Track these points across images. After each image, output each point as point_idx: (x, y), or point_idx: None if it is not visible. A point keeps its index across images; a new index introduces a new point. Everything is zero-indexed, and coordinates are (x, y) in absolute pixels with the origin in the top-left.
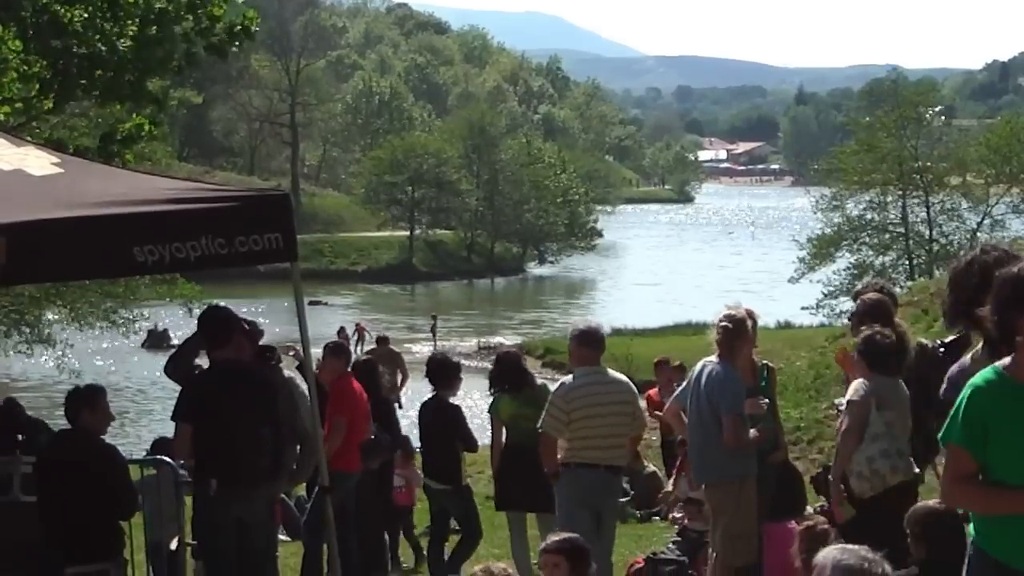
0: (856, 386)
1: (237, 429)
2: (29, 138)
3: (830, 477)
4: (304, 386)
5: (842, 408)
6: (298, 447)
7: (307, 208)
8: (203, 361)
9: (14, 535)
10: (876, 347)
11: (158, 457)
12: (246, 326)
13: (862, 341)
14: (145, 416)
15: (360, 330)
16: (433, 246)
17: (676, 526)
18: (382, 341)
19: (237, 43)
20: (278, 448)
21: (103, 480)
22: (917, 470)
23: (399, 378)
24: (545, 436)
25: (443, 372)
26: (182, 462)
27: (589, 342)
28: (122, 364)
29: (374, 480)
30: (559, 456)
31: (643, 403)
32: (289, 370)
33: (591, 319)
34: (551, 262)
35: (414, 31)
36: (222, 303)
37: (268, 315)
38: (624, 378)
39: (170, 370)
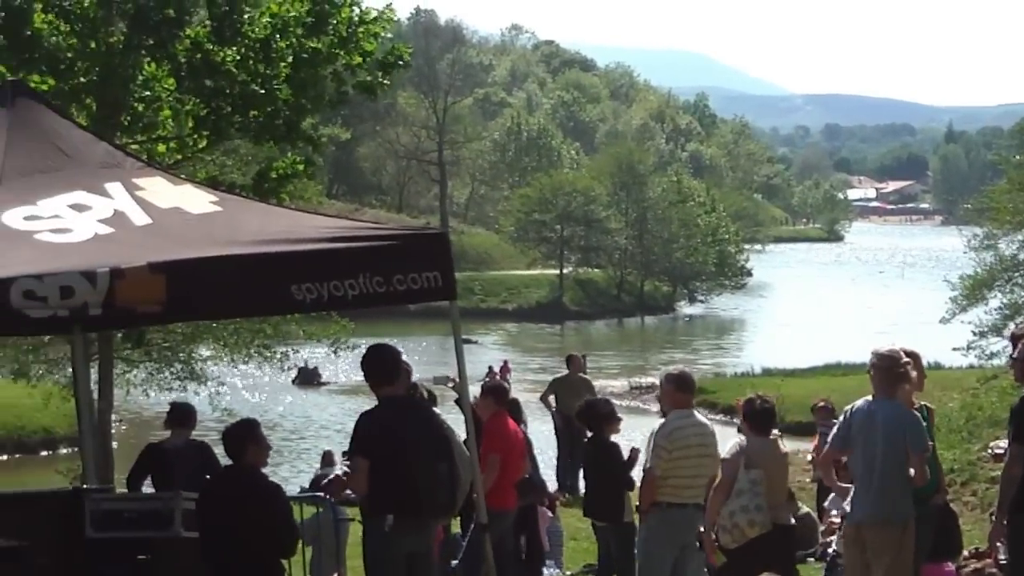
0: (730, 447)
1: (416, 464)
2: (184, 176)
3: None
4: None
5: (999, 452)
6: None
7: (456, 246)
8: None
9: (175, 571)
10: (754, 410)
11: (319, 494)
12: None
13: (744, 404)
14: (298, 454)
15: (504, 369)
16: (583, 284)
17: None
18: (572, 362)
19: (388, 78)
20: (454, 484)
21: (267, 517)
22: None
23: None
24: (651, 474)
25: (598, 415)
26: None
27: (685, 387)
28: (274, 402)
29: (516, 519)
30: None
31: (809, 446)
32: (434, 407)
33: (682, 365)
34: (700, 301)
35: (561, 68)
36: (387, 341)
37: (418, 353)
38: (707, 421)
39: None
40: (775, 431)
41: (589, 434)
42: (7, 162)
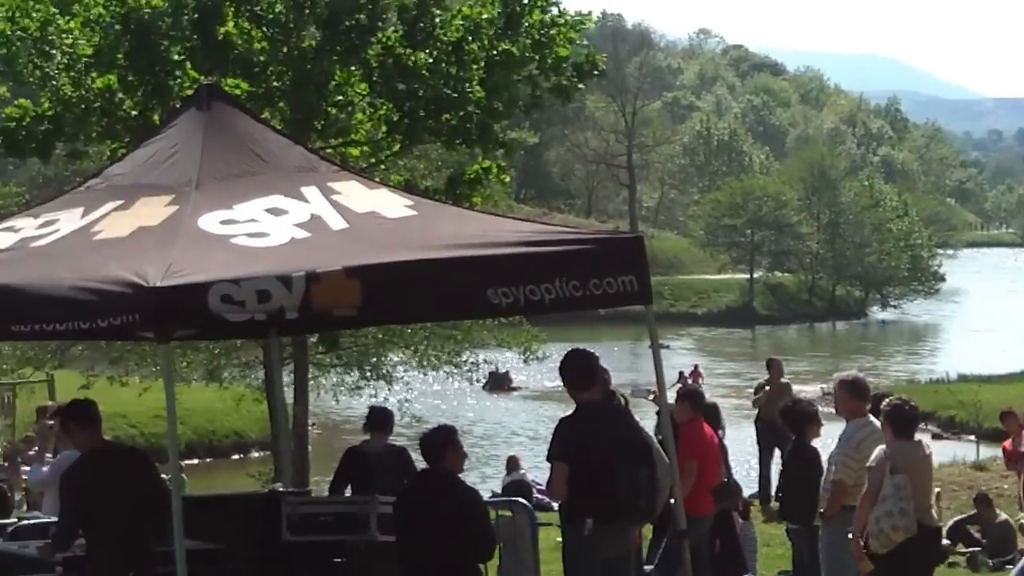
0: (876, 453)
1: (616, 469)
2: (379, 179)
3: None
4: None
5: None
6: None
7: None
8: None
9: (371, 573)
10: (901, 415)
11: (515, 499)
12: None
13: (892, 408)
14: (486, 460)
15: (695, 374)
16: (773, 289)
17: None
18: (773, 366)
19: (582, 84)
20: (654, 489)
21: (464, 521)
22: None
23: None
24: (843, 485)
25: (801, 416)
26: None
27: (859, 393)
28: (464, 407)
29: (712, 525)
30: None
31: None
32: None
33: (854, 370)
34: (893, 306)
35: (750, 72)
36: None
37: (609, 358)
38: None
39: None
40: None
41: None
42: (204, 167)
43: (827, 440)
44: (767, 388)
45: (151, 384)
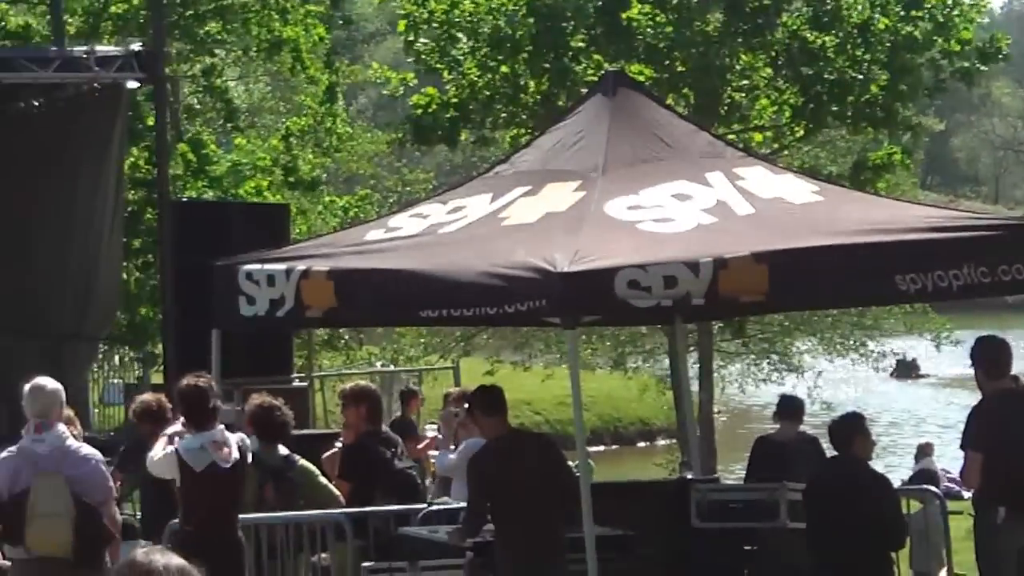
0: None
1: None
2: (782, 165)
3: None
4: None
5: None
6: None
7: None
8: None
9: (781, 561)
10: None
11: (925, 487)
12: None
13: None
14: (892, 448)
15: None
16: None
17: None
18: None
19: (985, 67)
20: None
21: (875, 508)
22: None
23: None
24: None
25: None
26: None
27: None
28: (871, 394)
29: None
30: None
31: None
32: None
33: None
34: None
35: None
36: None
37: (1018, 347)
38: None
39: None
40: None
41: None
42: (610, 153)
43: None
44: None
45: (554, 371)
